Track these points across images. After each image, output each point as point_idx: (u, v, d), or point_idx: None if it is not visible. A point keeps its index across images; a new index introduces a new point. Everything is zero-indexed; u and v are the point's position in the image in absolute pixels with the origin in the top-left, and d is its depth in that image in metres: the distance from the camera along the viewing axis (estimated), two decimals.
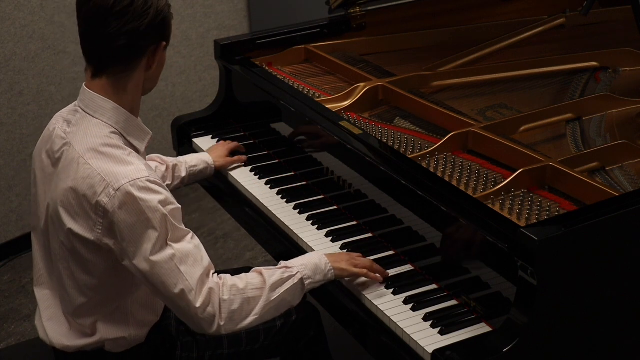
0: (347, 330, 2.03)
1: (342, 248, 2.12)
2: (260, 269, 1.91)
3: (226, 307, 1.82)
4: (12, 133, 3.67)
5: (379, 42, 2.90)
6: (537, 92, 2.52)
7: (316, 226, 2.22)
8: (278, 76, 2.66)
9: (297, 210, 2.30)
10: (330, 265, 1.95)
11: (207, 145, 2.69)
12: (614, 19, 2.92)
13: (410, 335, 1.80)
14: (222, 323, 1.82)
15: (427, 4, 2.98)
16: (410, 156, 2.12)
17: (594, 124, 2.30)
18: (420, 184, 1.97)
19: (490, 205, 1.89)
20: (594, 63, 2.62)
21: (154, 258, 1.77)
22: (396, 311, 1.88)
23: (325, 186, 2.37)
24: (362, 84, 2.50)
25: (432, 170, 2.08)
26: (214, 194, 2.65)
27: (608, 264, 1.74)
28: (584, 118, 2.32)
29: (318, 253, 1.99)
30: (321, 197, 2.36)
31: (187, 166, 2.46)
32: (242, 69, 2.70)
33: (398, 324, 1.84)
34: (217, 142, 2.68)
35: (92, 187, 1.78)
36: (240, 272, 1.91)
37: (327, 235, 2.18)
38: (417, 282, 1.97)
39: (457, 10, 3.00)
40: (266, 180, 2.47)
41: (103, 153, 1.81)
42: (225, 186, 2.56)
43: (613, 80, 2.52)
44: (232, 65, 2.73)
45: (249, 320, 1.85)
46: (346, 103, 2.46)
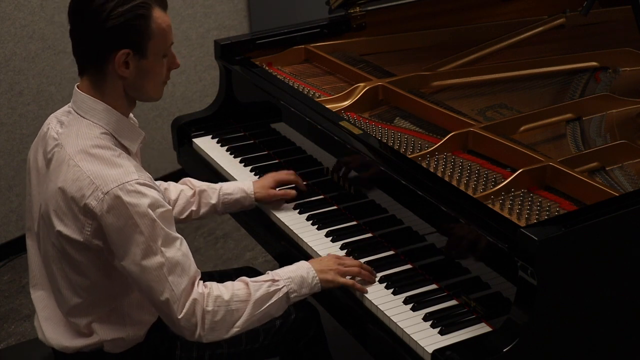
0: (347, 330, 2.03)
1: (342, 248, 2.12)
2: (247, 280, 1.90)
3: (209, 318, 1.82)
4: (12, 133, 3.67)
5: (379, 42, 2.90)
6: (537, 92, 2.52)
7: (316, 226, 2.22)
8: (278, 76, 2.66)
9: (297, 210, 2.30)
10: (317, 277, 1.93)
11: (207, 145, 2.69)
12: (614, 19, 2.92)
13: (410, 335, 1.80)
14: (204, 333, 1.83)
15: (427, 4, 2.98)
16: (410, 156, 2.12)
17: (594, 124, 2.30)
18: (420, 184, 1.97)
19: (490, 205, 1.88)
20: (594, 63, 2.61)
21: (144, 263, 1.77)
22: (396, 311, 1.88)
23: (325, 186, 2.37)
24: (362, 84, 2.49)
25: (432, 170, 2.08)
26: None
27: (608, 264, 1.74)
28: (584, 118, 2.32)
29: (306, 264, 1.96)
30: (321, 197, 2.36)
31: (221, 193, 2.29)
32: (242, 69, 2.70)
33: (398, 324, 1.84)
34: (269, 174, 2.38)
35: (81, 189, 1.77)
36: (240, 272, 1.91)
37: (327, 235, 2.18)
38: (417, 282, 1.97)
39: (457, 10, 3.00)
40: None
41: (93, 155, 1.80)
42: None
43: (613, 80, 2.52)
44: (232, 65, 2.73)
45: (231, 331, 1.86)
46: (346, 103, 2.46)
